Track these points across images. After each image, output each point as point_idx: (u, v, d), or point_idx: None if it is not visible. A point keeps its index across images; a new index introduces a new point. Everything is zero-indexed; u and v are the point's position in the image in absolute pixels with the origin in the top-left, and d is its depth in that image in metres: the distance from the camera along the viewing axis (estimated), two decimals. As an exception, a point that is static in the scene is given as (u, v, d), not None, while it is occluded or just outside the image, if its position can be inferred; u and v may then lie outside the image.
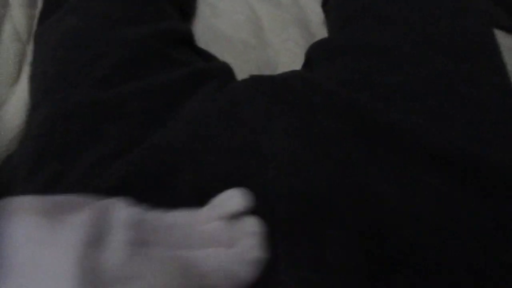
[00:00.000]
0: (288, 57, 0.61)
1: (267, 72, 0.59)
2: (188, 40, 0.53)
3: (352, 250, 0.28)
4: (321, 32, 0.64)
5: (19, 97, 0.51)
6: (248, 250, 0.25)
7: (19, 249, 0.18)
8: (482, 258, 0.28)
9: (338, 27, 0.51)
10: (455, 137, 0.32)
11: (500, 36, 0.63)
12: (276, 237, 0.27)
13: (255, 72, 0.58)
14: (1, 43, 0.54)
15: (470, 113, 0.34)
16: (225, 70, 0.50)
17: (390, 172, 0.31)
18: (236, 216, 0.27)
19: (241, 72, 0.55)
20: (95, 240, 0.19)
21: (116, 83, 0.40)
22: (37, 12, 0.58)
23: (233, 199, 0.27)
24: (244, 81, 0.44)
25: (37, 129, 0.38)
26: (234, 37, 0.62)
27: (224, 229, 0.25)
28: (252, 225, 0.26)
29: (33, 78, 0.48)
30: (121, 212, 0.21)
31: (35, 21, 0.57)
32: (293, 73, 0.43)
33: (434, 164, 0.31)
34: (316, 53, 0.48)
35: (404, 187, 0.30)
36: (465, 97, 0.35)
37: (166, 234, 0.23)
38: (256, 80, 0.42)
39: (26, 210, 0.20)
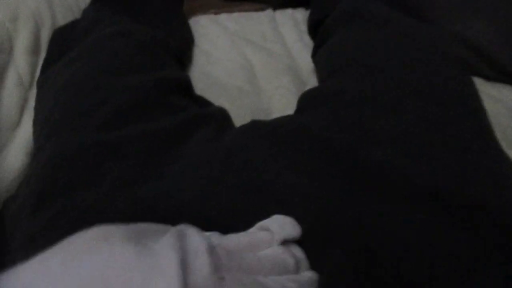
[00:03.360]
0: (280, 103, 0.63)
1: (261, 116, 0.61)
2: (185, 86, 0.55)
3: (346, 272, 0.29)
4: (311, 79, 0.68)
5: (20, 141, 0.52)
6: (310, 278, 0.26)
7: (127, 273, 0.18)
8: (462, 284, 0.29)
9: (326, 76, 0.54)
10: (437, 176, 0.35)
11: (480, 84, 0.67)
12: None
13: (249, 117, 0.60)
14: (4, 88, 0.55)
15: (450, 154, 0.37)
16: (222, 114, 0.52)
17: (378, 205, 0.33)
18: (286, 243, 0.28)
19: (236, 117, 0.57)
20: (185, 264, 0.20)
21: (117, 127, 0.42)
22: (40, 59, 0.61)
23: (290, 225, 0.28)
24: (245, 126, 0.46)
25: (41, 169, 0.40)
26: (229, 84, 0.65)
27: (288, 254, 0.26)
28: (301, 253, 0.28)
29: (36, 122, 0.49)
30: (198, 236, 0.22)
31: (38, 68, 0.59)
32: (288, 119, 0.46)
33: (419, 200, 0.33)
34: (307, 101, 0.51)
35: (391, 219, 0.32)
36: (442, 139, 0.38)
37: (237, 259, 0.24)
38: (254, 125, 0.45)
39: (113, 237, 0.20)
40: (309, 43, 0.76)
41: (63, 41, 0.58)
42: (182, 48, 0.68)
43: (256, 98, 0.64)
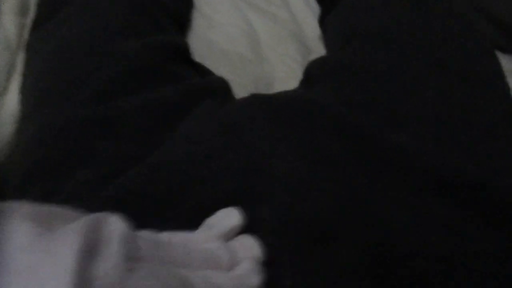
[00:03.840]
0: (284, 72, 0.60)
1: (263, 86, 0.58)
2: (184, 53, 0.52)
3: (356, 274, 0.27)
4: (318, 47, 0.64)
5: (8, 108, 0.49)
6: (247, 274, 0.24)
7: (16, 255, 0.17)
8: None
9: (338, 44, 0.50)
10: (460, 162, 0.32)
11: (500, 58, 0.63)
12: (282, 258, 0.26)
13: (251, 86, 0.57)
14: (-10, 52, 0.52)
15: (476, 139, 0.34)
16: (223, 86, 0.49)
17: (395, 197, 0.30)
18: (232, 236, 0.26)
19: (237, 86, 0.54)
20: (90, 251, 0.18)
21: (109, 98, 0.39)
22: (28, 21, 0.57)
23: (227, 217, 0.27)
24: (245, 99, 0.43)
25: (26, 144, 0.37)
26: (230, 51, 0.62)
27: (223, 250, 0.25)
28: (251, 246, 0.26)
29: (24, 89, 0.46)
30: (115, 225, 0.20)
31: (26, 30, 0.56)
32: (294, 93, 0.42)
33: (440, 190, 0.31)
34: (316, 71, 0.47)
35: (409, 213, 0.30)
36: (470, 122, 0.35)
37: (162, 251, 0.22)
38: (257, 100, 0.41)
39: (22, 216, 0.19)
40: (315, 8, 0.72)
41: (53, 0, 0.54)
42: (181, 10, 0.64)
43: (258, 66, 0.61)
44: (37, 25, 0.52)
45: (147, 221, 0.24)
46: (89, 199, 0.31)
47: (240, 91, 0.54)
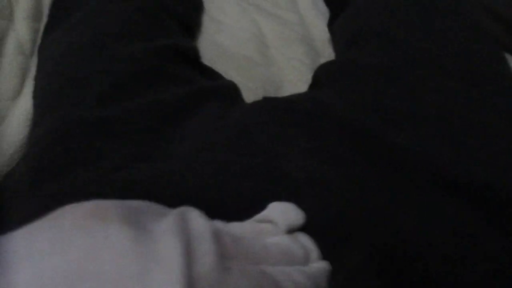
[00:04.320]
0: (293, 75, 0.60)
1: (271, 89, 0.59)
2: (192, 56, 0.52)
3: (367, 274, 0.27)
4: (326, 50, 0.64)
5: (21, 112, 0.50)
6: (322, 270, 0.24)
7: (120, 261, 0.16)
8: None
9: (345, 47, 0.51)
10: (468, 163, 0.32)
11: (509, 59, 0.63)
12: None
13: (260, 89, 0.58)
14: (4, 56, 0.53)
15: (480, 139, 0.34)
16: (231, 89, 0.49)
17: (403, 198, 0.31)
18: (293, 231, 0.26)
19: (246, 89, 0.54)
20: (189, 251, 0.18)
21: (117, 100, 0.39)
22: (41, 26, 0.58)
23: (293, 213, 0.26)
24: (257, 103, 0.43)
25: (37, 146, 0.38)
26: (239, 54, 0.62)
27: (297, 245, 0.24)
28: (311, 243, 0.25)
29: (35, 94, 0.47)
30: (201, 221, 0.20)
31: (40, 34, 0.57)
32: (304, 96, 0.43)
33: (445, 191, 0.31)
34: (324, 75, 0.48)
35: (416, 213, 0.30)
36: (476, 123, 0.35)
37: (242, 247, 0.21)
38: (268, 103, 0.42)
39: (117, 218, 0.18)
40: (324, 11, 0.72)
41: (65, 6, 0.55)
42: (190, 14, 0.64)
43: (267, 69, 0.61)
44: (48, 30, 0.53)
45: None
46: (96, 196, 0.31)
47: (248, 94, 0.54)
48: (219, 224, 0.23)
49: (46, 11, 0.60)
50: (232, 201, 0.30)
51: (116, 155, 0.35)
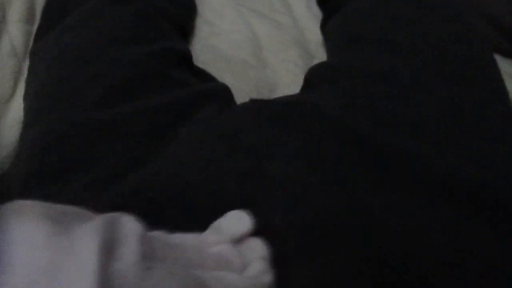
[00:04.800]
0: (287, 78, 0.61)
1: (265, 92, 0.59)
2: (187, 60, 0.52)
3: (358, 276, 0.27)
4: (320, 53, 0.64)
5: (14, 115, 0.50)
6: (260, 274, 0.24)
7: (35, 254, 0.17)
8: None
9: (338, 49, 0.51)
10: (461, 165, 0.32)
11: (499, 61, 0.63)
12: (284, 262, 0.27)
13: (254, 92, 0.58)
14: (-3, 59, 0.53)
15: (475, 142, 0.34)
16: (224, 92, 0.49)
17: (396, 200, 0.31)
18: (241, 238, 0.26)
19: (240, 92, 0.54)
20: (108, 250, 0.18)
21: (112, 104, 0.39)
22: (34, 28, 0.58)
23: (239, 221, 0.27)
24: (245, 104, 0.43)
25: (29, 149, 0.37)
26: (233, 57, 0.62)
27: (234, 252, 0.25)
28: (259, 249, 0.26)
29: (26, 97, 0.47)
30: (130, 224, 0.20)
31: (33, 37, 0.56)
32: (294, 97, 0.43)
33: (440, 192, 0.31)
34: (316, 76, 0.48)
35: (410, 215, 0.30)
36: (469, 125, 0.35)
37: (176, 253, 0.22)
38: (256, 104, 0.42)
39: (38, 214, 0.18)
40: (317, 13, 0.72)
41: (58, 8, 0.55)
42: (184, 17, 0.64)
43: (261, 72, 0.61)
44: (41, 33, 0.53)
45: (148, 224, 0.25)
46: (90, 202, 0.31)
47: (243, 96, 0.54)
48: (157, 233, 0.24)
49: (39, 13, 0.60)
50: (213, 201, 0.30)
51: (111, 159, 0.35)
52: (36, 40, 0.53)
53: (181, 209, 0.30)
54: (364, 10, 0.52)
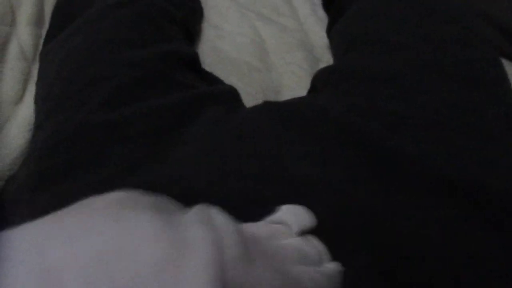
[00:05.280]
0: (292, 80, 0.61)
1: (271, 94, 0.59)
2: (193, 62, 0.53)
3: (365, 275, 0.28)
4: (325, 56, 0.65)
5: (23, 116, 0.50)
6: (335, 273, 0.24)
7: (147, 246, 0.16)
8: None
9: (343, 51, 0.51)
10: (462, 166, 0.32)
11: (505, 65, 0.64)
12: None
13: (259, 94, 0.58)
14: (6, 62, 0.54)
15: (477, 142, 0.34)
16: (231, 93, 0.50)
17: (400, 200, 0.31)
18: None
19: (245, 94, 0.55)
20: (216, 239, 0.18)
21: (119, 105, 0.40)
22: (43, 31, 0.59)
23: (304, 215, 0.26)
24: (256, 107, 0.44)
25: (39, 150, 0.38)
26: (239, 59, 0.63)
27: (310, 246, 0.25)
28: (321, 245, 0.26)
29: (37, 98, 0.47)
30: (223, 216, 0.20)
31: (42, 40, 0.57)
32: (303, 99, 0.43)
33: (442, 192, 0.31)
34: (322, 80, 0.48)
35: (413, 216, 0.30)
36: (471, 126, 0.35)
37: (261, 246, 0.21)
38: (267, 107, 0.42)
39: (139, 204, 0.18)
40: (323, 17, 0.72)
41: (66, 12, 0.56)
42: (190, 20, 0.65)
43: (266, 74, 0.62)
44: (50, 36, 0.54)
45: None
46: None
47: (248, 99, 0.54)
48: (235, 222, 0.24)
49: (48, 17, 0.61)
50: (240, 205, 0.30)
51: (119, 159, 0.35)
52: (45, 43, 0.54)
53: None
54: (367, 13, 0.53)
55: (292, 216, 0.26)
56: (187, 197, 0.31)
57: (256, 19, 0.70)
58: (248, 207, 0.28)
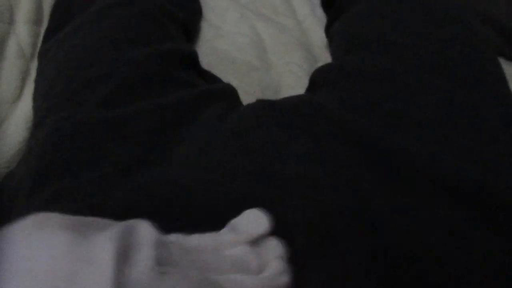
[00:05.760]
0: (291, 80, 0.61)
1: (270, 93, 0.59)
2: (192, 61, 0.53)
3: (363, 275, 0.28)
4: (324, 55, 0.65)
5: (21, 114, 0.50)
6: (277, 275, 0.24)
7: (55, 262, 0.17)
8: None
9: (342, 51, 0.51)
10: (462, 166, 0.32)
11: (502, 64, 0.64)
12: (295, 261, 0.27)
13: (258, 94, 0.58)
14: (5, 60, 0.53)
15: (477, 142, 0.34)
16: (230, 92, 0.49)
17: (400, 200, 0.31)
18: (258, 238, 0.26)
19: (244, 93, 0.55)
20: (123, 257, 0.19)
21: (119, 103, 0.40)
22: (42, 29, 0.58)
23: (256, 221, 0.26)
24: (252, 105, 0.44)
25: (39, 147, 0.38)
26: (238, 59, 0.63)
27: (251, 254, 0.25)
28: (276, 249, 0.26)
29: (36, 96, 0.47)
30: (146, 231, 0.21)
31: (40, 38, 0.57)
32: (300, 98, 0.43)
33: (442, 192, 0.31)
34: (321, 78, 0.48)
35: (413, 215, 0.30)
36: (470, 126, 0.36)
37: (193, 256, 0.22)
38: (263, 105, 0.42)
39: (58, 224, 0.19)
40: (321, 17, 0.73)
41: (66, 10, 0.56)
42: (190, 19, 0.65)
43: (265, 74, 0.62)
44: (49, 34, 0.54)
45: (157, 222, 0.25)
46: (98, 198, 0.32)
47: (247, 98, 0.54)
48: (175, 236, 0.24)
49: (46, 15, 0.61)
50: (224, 201, 0.31)
51: (119, 158, 0.35)
52: (44, 41, 0.54)
53: (190, 208, 0.31)
54: (366, 13, 0.53)
55: (245, 223, 0.26)
56: (182, 198, 0.31)
57: (255, 19, 0.70)
58: (243, 207, 0.28)
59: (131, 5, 0.52)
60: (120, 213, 0.29)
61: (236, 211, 0.27)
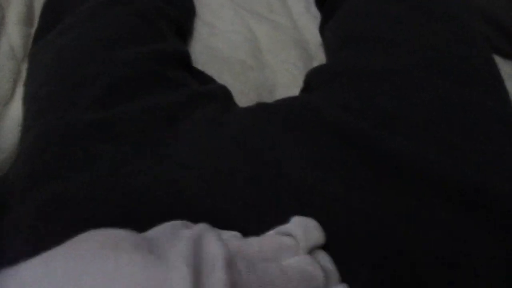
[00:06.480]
0: (286, 78, 0.61)
1: (265, 92, 0.59)
2: (185, 61, 0.52)
3: (362, 278, 0.27)
4: (319, 54, 0.65)
5: (13, 117, 0.49)
6: None
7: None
8: None
9: (336, 50, 0.51)
10: (460, 166, 0.32)
11: (498, 62, 0.63)
12: None
13: (253, 93, 0.58)
14: (-4, 61, 0.53)
15: (473, 142, 0.34)
16: (223, 93, 0.49)
17: (397, 201, 0.31)
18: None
19: (239, 93, 0.55)
20: (197, 278, 0.18)
21: (110, 104, 0.39)
22: (33, 30, 0.58)
23: (315, 230, 0.26)
24: (250, 108, 0.43)
25: (29, 150, 0.37)
26: (232, 58, 0.62)
27: (318, 270, 0.24)
28: (330, 263, 0.25)
29: (26, 98, 0.47)
30: (215, 245, 0.20)
31: (31, 39, 0.56)
32: (295, 100, 0.43)
33: (439, 193, 0.31)
34: (315, 78, 0.48)
35: (411, 217, 0.30)
36: (467, 124, 0.35)
37: (260, 271, 0.21)
38: (261, 108, 0.42)
39: (121, 245, 0.19)
40: (316, 14, 0.72)
41: (56, 10, 0.55)
42: (183, 18, 0.64)
43: (260, 73, 0.61)
44: (39, 35, 0.53)
45: (157, 224, 0.24)
46: (90, 201, 0.31)
47: (242, 97, 0.54)
48: (235, 240, 0.23)
49: (38, 16, 0.60)
50: (236, 209, 0.30)
51: (110, 159, 0.35)
52: (34, 42, 0.53)
53: (189, 210, 0.30)
54: (360, 10, 0.52)
55: (301, 231, 0.25)
56: (177, 201, 0.31)
57: (250, 17, 0.69)
58: (242, 212, 0.27)
59: (122, 4, 0.52)
60: (117, 216, 0.29)
61: (249, 220, 0.26)
